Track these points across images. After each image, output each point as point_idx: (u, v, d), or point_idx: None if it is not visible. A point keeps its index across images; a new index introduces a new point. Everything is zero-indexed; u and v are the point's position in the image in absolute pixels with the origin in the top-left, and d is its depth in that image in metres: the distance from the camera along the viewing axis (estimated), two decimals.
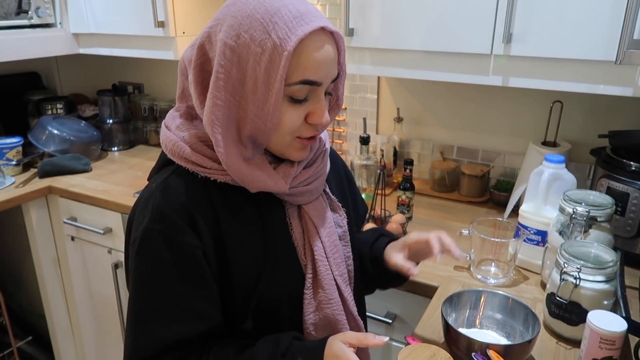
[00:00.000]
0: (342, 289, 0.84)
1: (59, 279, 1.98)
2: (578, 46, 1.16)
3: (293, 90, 0.70)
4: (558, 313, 0.97)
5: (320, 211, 0.84)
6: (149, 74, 2.41)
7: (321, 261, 0.82)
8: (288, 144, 0.76)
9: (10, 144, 1.90)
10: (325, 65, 0.71)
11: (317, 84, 0.71)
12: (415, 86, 1.78)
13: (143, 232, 0.72)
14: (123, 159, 2.17)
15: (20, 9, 1.87)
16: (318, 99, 0.73)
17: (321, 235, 0.82)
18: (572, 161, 1.54)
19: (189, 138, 0.76)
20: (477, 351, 0.85)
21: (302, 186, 0.81)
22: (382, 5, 1.37)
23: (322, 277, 0.81)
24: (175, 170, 0.77)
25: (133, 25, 1.83)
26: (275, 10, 0.68)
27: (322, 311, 0.82)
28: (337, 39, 0.73)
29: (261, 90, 0.69)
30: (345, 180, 0.99)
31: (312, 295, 0.82)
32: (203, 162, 0.74)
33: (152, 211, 0.72)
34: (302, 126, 0.74)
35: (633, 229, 1.24)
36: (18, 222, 1.88)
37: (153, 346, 0.72)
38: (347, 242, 0.90)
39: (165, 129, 0.79)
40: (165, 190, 0.74)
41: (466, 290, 1.01)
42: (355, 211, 0.99)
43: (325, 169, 0.86)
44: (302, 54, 0.68)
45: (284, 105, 0.71)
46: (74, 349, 2.10)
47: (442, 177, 1.73)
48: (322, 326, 0.83)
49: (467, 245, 1.24)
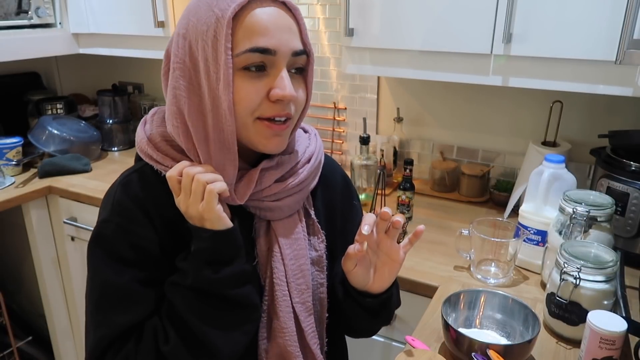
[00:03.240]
0: (300, 318, 0.77)
1: (59, 279, 1.98)
2: (578, 46, 1.16)
3: (244, 59, 0.66)
4: (558, 313, 0.97)
5: (290, 231, 0.78)
6: (149, 74, 2.41)
7: (279, 285, 0.76)
8: (252, 129, 0.69)
9: (10, 144, 1.90)
10: (276, 32, 0.66)
11: (269, 51, 0.66)
12: (415, 86, 1.78)
13: (101, 223, 0.73)
14: (123, 159, 2.17)
15: (20, 9, 1.87)
16: (277, 71, 0.68)
17: (285, 257, 0.76)
18: (572, 161, 1.54)
19: (155, 136, 0.75)
20: (477, 351, 0.85)
21: (270, 201, 0.75)
22: (382, 5, 1.37)
23: (278, 302, 0.76)
24: (140, 167, 0.76)
25: (133, 25, 1.83)
26: None
27: (275, 340, 0.77)
28: (293, 10, 0.69)
29: (212, 68, 0.66)
30: (339, 201, 0.90)
31: (267, 320, 0.77)
32: (164, 161, 0.73)
33: (112, 204, 0.73)
34: (263, 104, 0.68)
35: (633, 229, 1.24)
36: (18, 222, 1.88)
37: (111, 333, 0.71)
38: (322, 267, 0.82)
39: (141, 125, 0.79)
40: (126, 185, 0.74)
41: (466, 290, 1.01)
42: (345, 236, 0.87)
43: (305, 185, 0.79)
44: (246, 20, 0.65)
45: (239, 79, 0.67)
46: (74, 349, 2.09)
47: (442, 177, 1.73)
48: (274, 354, 0.78)
49: (467, 245, 1.24)
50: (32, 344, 2.12)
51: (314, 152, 0.82)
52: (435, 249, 1.35)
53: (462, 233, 1.23)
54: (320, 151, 0.84)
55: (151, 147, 0.74)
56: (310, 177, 0.80)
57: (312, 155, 0.82)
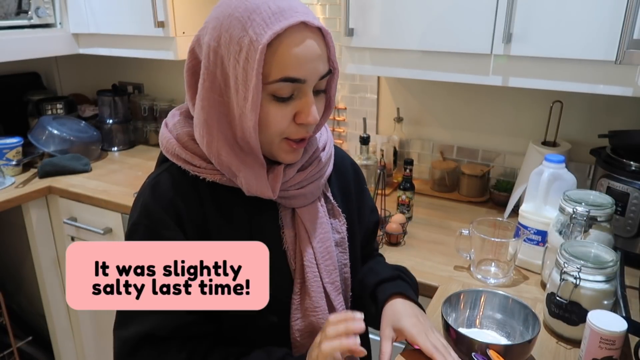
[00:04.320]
0: (331, 297, 0.82)
1: (59, 279, 1.98)
2: (578, 46, 1.16)
3: (275, 89, 0.68)
4: (558, 313, 0.97)
5: (314, 215, 0.82)
6: (149, 74, 2.41)
7: (310, 267, 0.80)
8: (277, 145, 0.74)
9: (10, 144, 1.90)
10: (308, 62, 0.68)
11: (299, 81, 0.69)
12: (415, 86, 1.78)
13: (131, 227, 0.75)
14: (123, 159, 2.17)
15: (20, 9, 1.87)
16: (305, 97, 0.71)
17: (313, 240, 0.81)
18: (572, 161, 1.54)
19: (182, 136, 0.76)
20: (477, 351, 0.85)
21: (295, 189, 0.79)
22: (382, 5, 1.37)
23: (310, 284, 0.80)
24: (168, 168, 0.78)
25: (133, 25, 1.83)
26: (255, 7, 0.67)
27: (308, 318, 0.81)
28: (325, 34, 0.71)
29: (241, 88, 0.68)
30: (352, 185, 0.95)
31: (300, 301, 0.81)
32: (193, 160, 0.75)
33: (141, 207, 0.75)
34: (290, 127, 0.72)
35: (633, 229, 1.24)
36: (18, 222, 1.88)
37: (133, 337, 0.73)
38: (345, 249, 0.87)
39: (164, 126, 0.80)
40: (154, 187, 0.76)
41: (466, 290, 1.01)
42: (361, 218, 0.95)
43: (323, 172, 0.84)
44: (280, 49, 0.67)
45: (268, 104, 0.69)
46: (74, 349, 2.09)
47: (442, 177, 1.73)
48: (307, 333, 0.81)
49: (467, 245, 1.24)
50: (32, 344, 2.12)
51: (327, 140, 0.87)
52: (435, 249, 1.35)
53: (462, 233, 1.23)
54: (331, 139, 0.89)
55: (179, 146, 0.76)
56: (327, 164, 0.85)
57: (326, 143, 0.86)
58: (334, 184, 0.90)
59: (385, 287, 0.88)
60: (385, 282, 0.89)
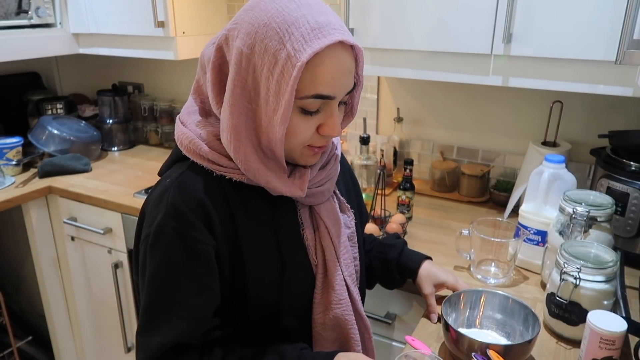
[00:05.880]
0: (351, 289, 0.86)
1: (59, 279, 1.98)
2: (578, 46, 1.16)
3: (305, 104, 0.69)
4: (558, 313, 0.97)
5: (331, 212, 0.85)
6: (149, 74, 2.41)
7: (332, 262, 0.83)
8: (299, 152, 0.76)
9: (10, 144, 1.90)
10: (339, 79, 0.70)
11: (330, 97, 0.70)
12: (415, 86, 1.78)
13: (157, 228, 0.72)
14: (123, 159, 2.17)
15: (20, 9, 1.87)
16: (331, 111, 0.72)
17: (332, 235, 0.83)
18: (572, 161, 1.54)
19: (207, 136, 0.76)
20: (477, 351, 0.85)
21: (315, 187, 0.82)
22: (382, 5, 1.37)
23: (333, 277, 0.82)
24: (190, 167, 0.76)
25: (133, 25, 1.83)
26: (293, 20, 0.66)
27: (332, 311, 0.83)
28: (357, 52, 0.72)
29: (272, 100, 0.68)
30: (351, 184, 1.00)
31: (322, 295, 0.83)
32: (220, 161, 0.75)
33: (166, 207, 0.72)
34: (313, 137, 0.74)
35: (633, 229, 1.24)
36: (18, 222, 1.88)
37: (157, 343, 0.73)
38: (355, 243, 0.91)
39: (181, 124, 0.79)
40: (180, 186, 0.74)
41: (466, 290, 1.01)
42: (360, 214, 1.00)
43: (336, 171, 0.87)
44: (316, 68, 0.67)
45: (296, 116, 0.70)
46: (74, 349, 2.10)
47: (442, 177, 1.73)
48: (331, 326, 0.83)
49: (467, 245, 1.24)
50: (32, 344, 2.12)
51: (337, 141, 0.90)
52: (435, 249, 1.35)
53: (462, 233, 1.23)
54: (338, 140, 0.92)
55: (206, 147, 0.75)
56: (337, 162, 0.88)
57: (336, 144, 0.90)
58: (339, 182, 0.93)
59: (409, 256, 1.07)
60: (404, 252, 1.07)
